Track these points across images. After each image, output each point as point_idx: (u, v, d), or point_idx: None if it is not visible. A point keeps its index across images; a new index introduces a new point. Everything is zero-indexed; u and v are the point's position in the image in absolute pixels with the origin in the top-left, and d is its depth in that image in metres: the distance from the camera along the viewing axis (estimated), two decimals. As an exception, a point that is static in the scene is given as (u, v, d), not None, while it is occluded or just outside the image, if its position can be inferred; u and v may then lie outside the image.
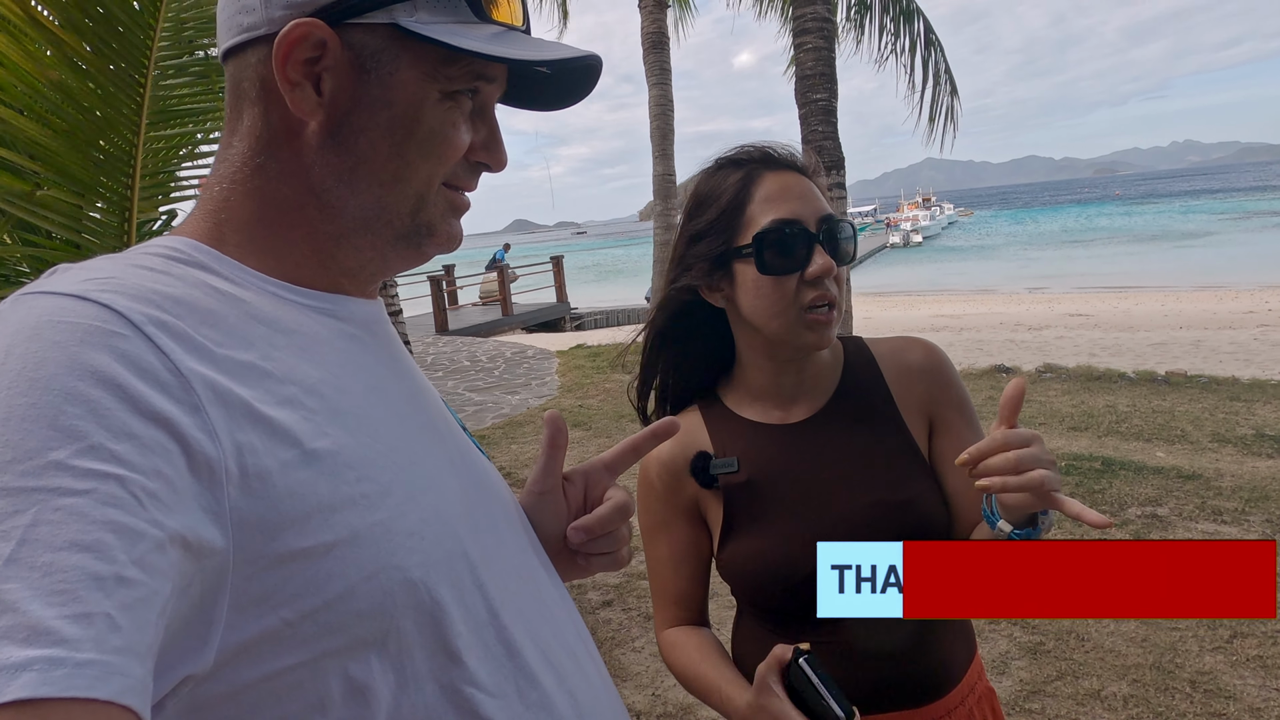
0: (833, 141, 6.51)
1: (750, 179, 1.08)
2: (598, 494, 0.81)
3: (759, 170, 1.09)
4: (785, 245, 1.04)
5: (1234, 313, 12.98)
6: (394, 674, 0.53)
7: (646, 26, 11.16)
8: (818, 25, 6.59)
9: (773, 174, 1.08)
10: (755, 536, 1.09)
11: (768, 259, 1.05)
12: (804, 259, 1.04)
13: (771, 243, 1.04)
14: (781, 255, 1.04)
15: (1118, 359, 8.82)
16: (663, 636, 1.18)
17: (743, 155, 1.11)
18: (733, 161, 1.12)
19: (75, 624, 0.37)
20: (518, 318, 16.68)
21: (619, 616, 3.47)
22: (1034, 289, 22.71)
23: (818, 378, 1.14)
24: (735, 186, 1.08)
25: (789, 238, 1.04)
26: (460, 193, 0.66)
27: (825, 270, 1.04)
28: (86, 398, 0.43)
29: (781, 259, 1.05)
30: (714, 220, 1.09)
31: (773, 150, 1.11)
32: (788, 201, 1.05)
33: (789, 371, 1.12)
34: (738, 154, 1.12)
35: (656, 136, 11.31)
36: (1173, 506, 4.17)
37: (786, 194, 1.06)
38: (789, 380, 1.13)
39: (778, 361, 1.12)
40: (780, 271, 1.05)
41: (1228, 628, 2.99)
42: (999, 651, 2.97)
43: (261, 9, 0.59)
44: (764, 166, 1.09)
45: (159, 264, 0.55)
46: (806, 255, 1.04)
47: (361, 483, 0.53)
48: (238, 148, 0.62)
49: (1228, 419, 5.82)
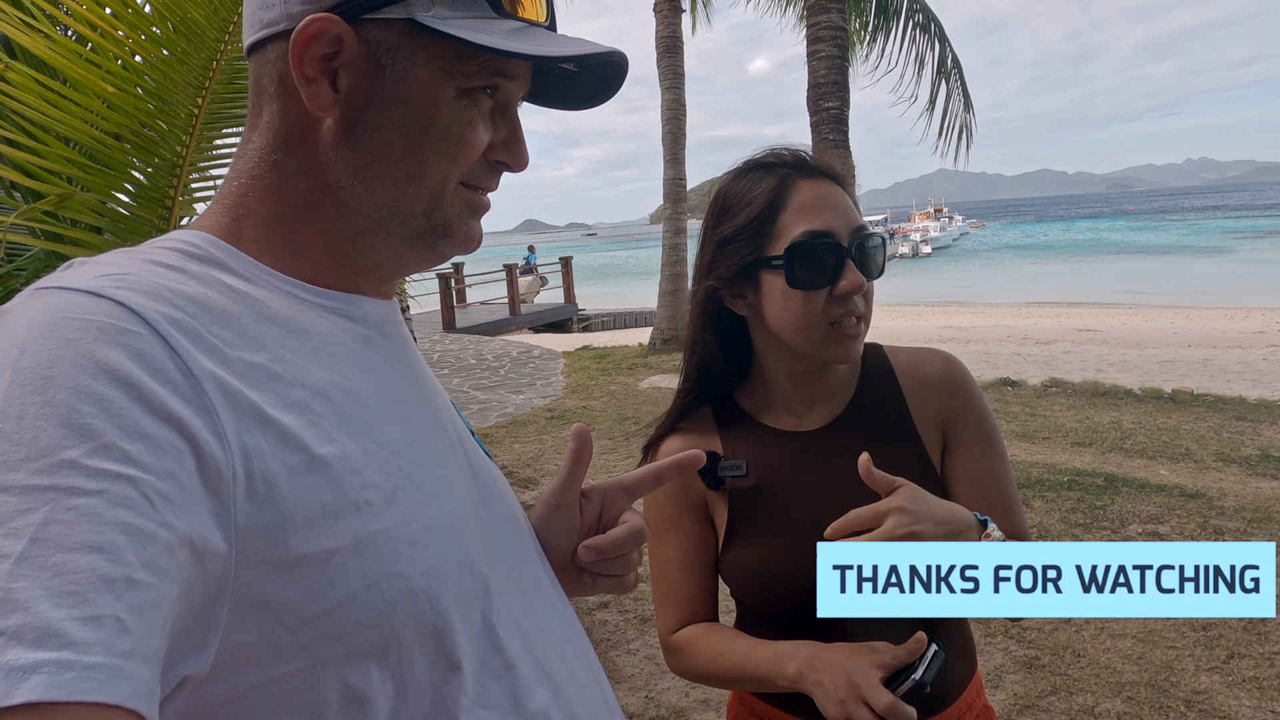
0: (843, 149, 6.52)
1: (784, 186, 1.04)
2: (613, 515, 0.79)
3: (793, 177, 1.05)
4: (817, 259, 1.01)
5: (1244, 332, 12.90)
6: (393, 683, 0.53)
7: (661, 31, 11.18)
8: (831, 34, 6.60)
9: (808, 182, 1.04)
10: (759, 543, 1.08)
11: (799, 272, 1.02)
12: (834, 274, 1.01)
13: (804, 256, 1.01)
14: (812, 269, 1.01)
15: (1125, 375, 8.78)
16: (671, 639, 1.14)
17: (775, 160, 1.08)
18: (764, 166, 1.08)
19: (84, 626, 0.37)
20: (525, 317, 16.71)
21: (615, 618, 3.47)
22: (1043, 303, 22.62)
23: (834, 387, 1.12)
24: (768, 193, 1.05)
25: (822, 251, 1.01)
26: (479, 193, 0.65)
27: (855, 287, 1.01)
28: (100, 396, 0.43)
29: (812, 273, 1.01)
30: (744, 226, 1.05)
31: (807, 156, 1.08)
32: (822, 212, 1.02)
33: (806, 380, 1.11)
34: (769, 158, 1.09)
35: (668, 141, 11.32)
36: (1174, 525, 4.15)
37: (821, 204, 1.03)
38: (805, 389, 1.11)
39: (796, 371, 1.10)
40: (810, 286, 1.02)
41: (1225, 648, 2.97)
42: (994, 665, 2.97)
43: (281, 4, 0.59)
44: (798, 173, 1.05)
45: (175, 260, 0.55)
46: (837, 270, 1.01)
47: (366, 489, 0.53)
48: (256, 143, 0.62)
49: (1233, 439, 5.79)
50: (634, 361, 10.15)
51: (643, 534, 0.78)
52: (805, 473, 1.09)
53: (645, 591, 3.66)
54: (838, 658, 0.93)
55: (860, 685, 0.88)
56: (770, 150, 1.10)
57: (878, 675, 0.89)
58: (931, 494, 0.97)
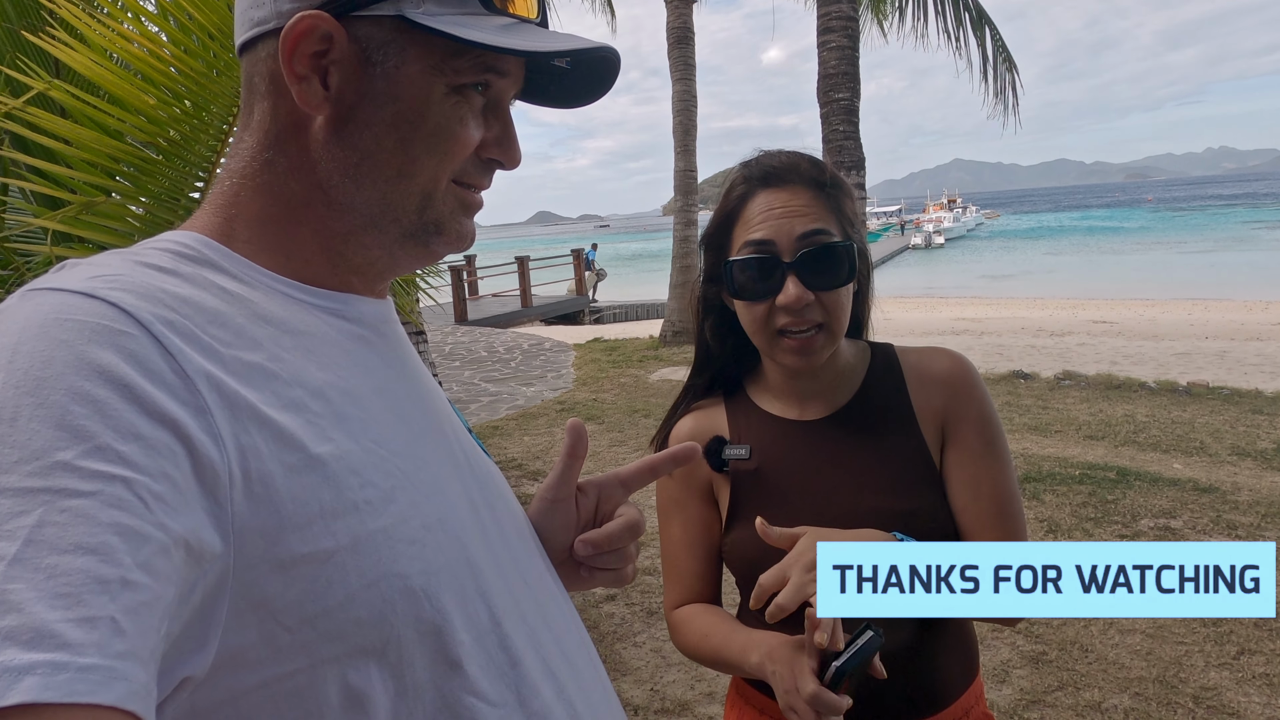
0: (853, 141, 6.48)
1: (746, 196, 1.08)
2: (609, 508, 0.80)
3: (755, 187, 1.08)
4: (754, 273, 1.05)
5: (1262, 324, 12.74)
6: (393, 682, 0.53)
7: (672, 21, 11.12)
8: (841, 24, 6.55)
9: (766, 192, 1.07)
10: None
11: (738, 284, 1.06)
12: (774, 288, 1.04)
13: (740, 270, 1.06)
14: (750, 282, 1.05)
15: (1139, 368, 8.70)
16: (673, 615, 1.19)
17: (751, 167, 1.11)
18: (743, 170, 1.11)
19: (79, 628, 0.37)
20: (536, 309, 16.75)
21: (621, 611, 3.49)
22: (1058, 294, 22.42)
23: (836, 380, 1.14)
24: (734, 201, 1.09)
25: (757, 265, 1.04)
26: (472, 190, 0.64)
27: (795, 302, 1.02)
28: (93, 397, 0.43)
29: (751, 286, 1.05)
30: (712, 233, 1.12)
31: (774, 166, 1.08)
32: (767, 224, 1.04)
33: (802, 375, 1.12)
34: (750, 163, 1.11)
35: (679, 132, 11.27)
36: (1187, 519, 4.12)
37: (769, 215, 1.05)
38: (803, 382, 1.13)
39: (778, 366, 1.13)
40: (751, 298, 1.06)
41: (1235, 643, 2.95)
42: (1000, 659, 2.96)
43: (271, 3, 0.59)
44: (759, 184, 1.08)
45: (167, 261, 0.55)
46: (778, 284, 1.03)
47: (364, 489, 0.53)
48: (248, 142, 0.61)
49: (1249, 432, 5.73)
50: (645, 354, 10.15)
51: (638, 527, 0.78)
52: (804, 459, 1.11)
53: (651, 584, 3.67)
54: (788, 650, 0.93)
55: (797, 676, 0.89)
56: (759, 154, 1.12)
57: (810, 663, 0.89)
58: (837, 529, 0.98)
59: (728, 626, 1.10)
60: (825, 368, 1.12)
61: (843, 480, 1.08)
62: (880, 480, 1.07)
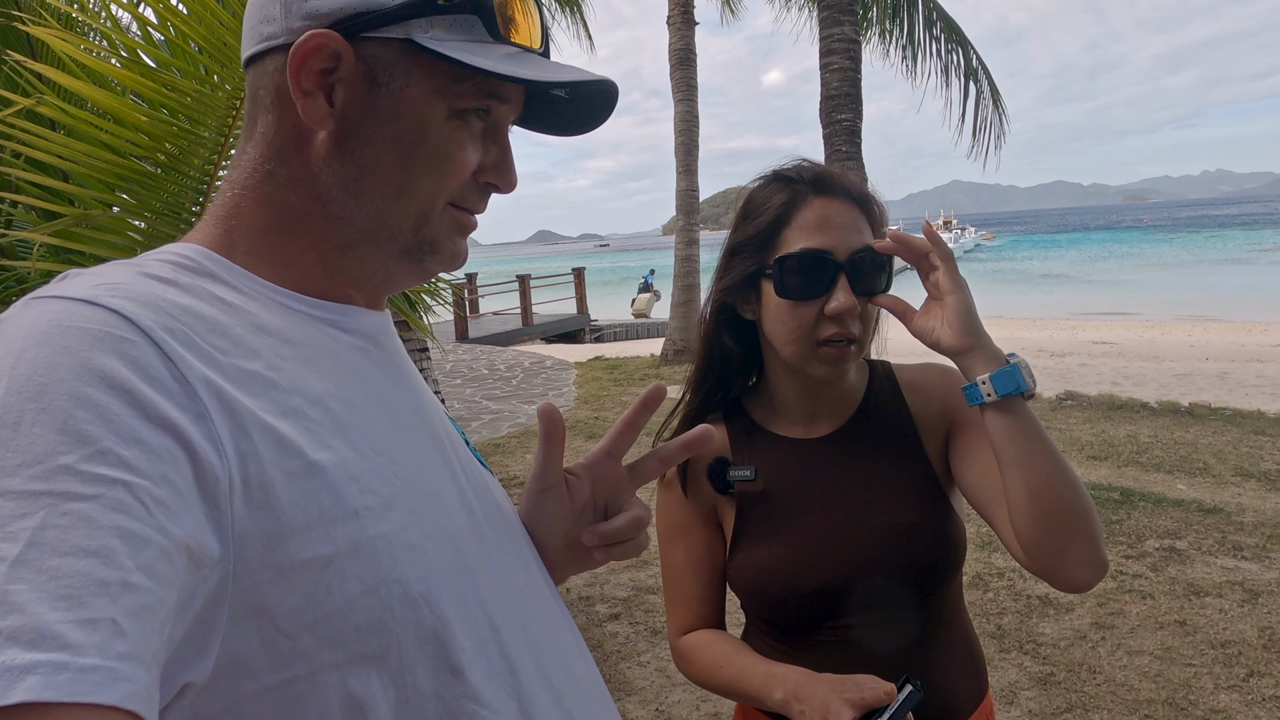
0: (855, 162, 6.53)
1: (795, 202, 1.06)
2: (606, 486, 0.80)
3: (806, 194, 1.06)
4: (808, 273, 1.03)
5: (1262, 345, 12.76)
6: (394, 689, 0.53)
7: (674, 43, 11.23)
8: (844, 46, 6.62)
9: (820, 200, 1.05)
10: (764, 547, 1.09)
11: (787, 283, 1.03)
12: (825, 290, 1.02)
13: (793, 268, 1.03)
14: (802, 282, 1.03)
15: (1141, 389, 8.70)
16: (679, 642, 1.16)
17: (794, 174, 1.09)
18: (783, 178, 1.09)
19: (80, 629, 0.38)
20: (537, 328, 16.77)
21: (626, 630, 3.46)
22: (1057, 315, 22.47)
23: (840, 397, 1.13)
24: (778, 207, 1.06)
25: (813, 266, 1.02)
26: (468, 213, 0.66)
27: (846, 308, 1.01)
28: (95, 402, 0.44)
29: (801, 285, 1.03)
30: (752, 236, 1.08)
31: (827, 174, 1.08)
32: (824, 231, 1.03)
33: (811, 390, 1.12)
34: (791, 171, 1.10)
35: (681, 153, 11.35)
36: (1192, 540, 4.10)
37: (825, 223, 1.03)
38: (811, 399, 1.13)
39: (798, 381, 1.12)
40: (798, 297, 1.03)
41: (1244, 665, 2.93)
42: (1008, 680, 2.94)
43: (282, 19, 0.60)
44: (812, 190, 1.06)
45: (168, 272, 0.56)
46: (829, 287, 1.02)
47: (363, 495, 0.53)
48: (250, 154, 0.63)
49: (1252, 453, 5.72)
50: (646, 372, 10.15)
51: (644, 520, 0.79)
52: (812, 478, 1.10)
53: (656, 604, 3.65)
54: (820, 690, 0.94)
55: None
56: (796, 163, 1.11)
57: (849, 714, 0.90)
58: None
59: (743, 658, 1.08)
60: (836, 383, 1.12)
61: (849, 497, 1.08)
62: (885, 497, 1.07)
